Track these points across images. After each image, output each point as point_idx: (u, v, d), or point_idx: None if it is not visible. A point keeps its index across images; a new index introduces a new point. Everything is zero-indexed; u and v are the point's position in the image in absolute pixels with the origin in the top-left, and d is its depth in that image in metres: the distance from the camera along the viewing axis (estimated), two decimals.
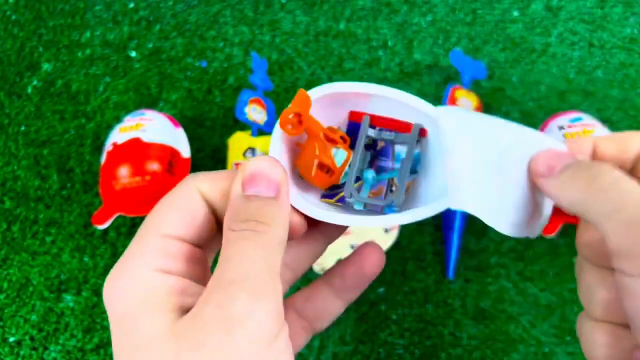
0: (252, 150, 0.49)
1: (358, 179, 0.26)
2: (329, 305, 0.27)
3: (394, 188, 0.26)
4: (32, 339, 0.47)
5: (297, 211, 0.24)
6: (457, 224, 0.46)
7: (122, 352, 0.20)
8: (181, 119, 0.55)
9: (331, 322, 0.27)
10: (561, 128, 0.46)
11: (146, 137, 0.47)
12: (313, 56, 0.57)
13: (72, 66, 0.58)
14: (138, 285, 0.21)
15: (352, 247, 0.44)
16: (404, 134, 0.26)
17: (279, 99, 0.55)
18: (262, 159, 0.23)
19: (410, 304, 0.47)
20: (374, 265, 0.26)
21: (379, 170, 0.27)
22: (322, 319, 0.27)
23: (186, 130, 0.51)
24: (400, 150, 0.27)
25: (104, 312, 0.47)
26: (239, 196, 0.22)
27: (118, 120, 0.55)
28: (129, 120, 0.49)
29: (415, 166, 0.26)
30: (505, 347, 0.43)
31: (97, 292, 0.48)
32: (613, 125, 0.51)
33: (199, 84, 0.57)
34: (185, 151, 0.49)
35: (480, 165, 0.25)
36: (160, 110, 0.55)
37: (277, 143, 0.26)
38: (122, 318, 0.20)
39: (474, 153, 0.25)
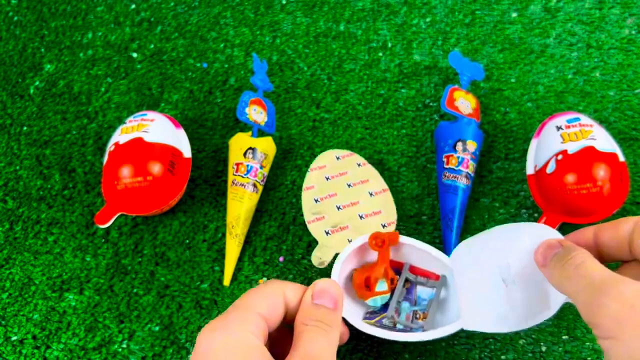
0: (253, 150, 0.49)
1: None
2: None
3: (417, 316, 0.41)
4: (34, 337, 0.47)
5: (344, 324, 0.37)
6: (455, 223, 0.47)
7: None
8: (182, 120, 0.55)
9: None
10: (559, 128, 0.47)
11: (148, 138, 0.48)
12: (313, 57, 0.58)
13: (74, 67, 0.59)
14: (240, 342, 0.29)
15: (349, 240, 0.44)
16: (432, 280, 0.42)
17: (279, 100, 0.56)
18: (327, 281, 0.35)
19: None
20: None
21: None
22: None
23: (187, 131, 0.52)
24: (420, 290, 0.43)
25: (106, 310, 0.47)
26: (309, 303, 0.34)
27: (120, 120, 0.55)
28: (131, 121, 0.50)
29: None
30: (502, 345, 0.44)
31: (99, 291, 0.48)
32: (610, 125, 0.52)
33: (200, 84, 0.57)
34: (186, 151, 0.50)
35: (485, 285, 0.36)
36: (162, 111, 0.56)
37: (338, 267, 0.40)
38: None
39: (478, 279, 0.36)
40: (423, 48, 0.58)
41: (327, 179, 0.49)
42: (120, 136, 0.49)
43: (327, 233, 0.45)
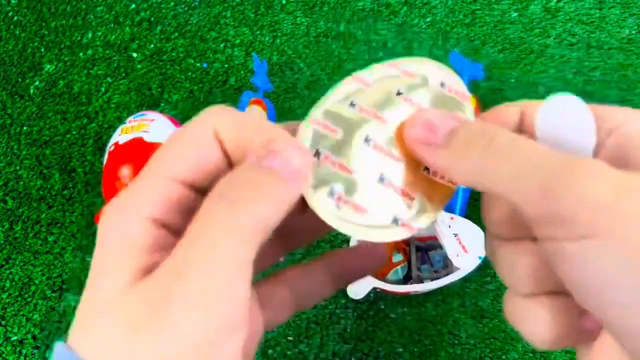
0: None
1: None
2: (320, 289, 0.26)
3: (439, 273, 0.48)
4: (34, 338, 0.47)
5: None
6: None
7: (84, 295, 0.18)
8: (182, 120, 0.55)
9: (316, 304, 0.27)
10: None
11: (148, 138, 0.48)
12: (313, 57, 0.58)
13: (74, 67, 0.59)
14: (123, 229, 0.18)
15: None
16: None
17: (279, 100, 0.56)
18: (289, 138, 0.19)
19: (409, 302, 0.47)
20: (376, 264, 0.26)
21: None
22: (311, 299, 0.26)
23: None
24: (432, 254, 0.49)
25: None
26: (251, 161, 0.19)
27: (120, 120, 0.55)
28: (131, 121, 0.50)
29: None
30: (503, 345, 0.44)
31: None
32: None
33: (200, 84, 0.57)
34: None
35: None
36: (162, 111, 0.55)
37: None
38: (97, 258, 0.18)
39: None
40: (423, 48, 0.57)
41: None
42: (120, 136, 0.49)
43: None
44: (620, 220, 0.16)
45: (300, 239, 0.26)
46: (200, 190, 0.19)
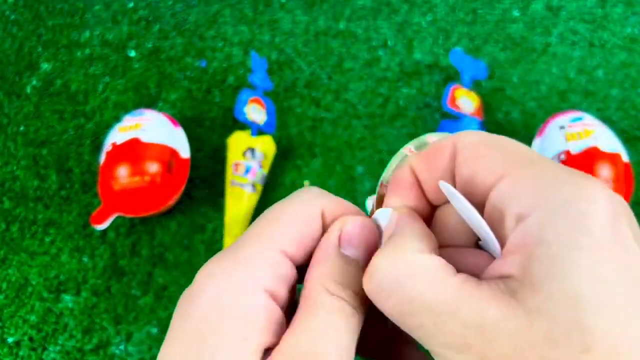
0: (252, 150, 0.48)
1: None
2: None
3: None
4: (31, 339, 0.46)
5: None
6: None
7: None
8: (180, 119, 0.54)
9: None
10: (562, 128, 0.46)
11: (145, 137, 0.47)
12: (313, 56, 0.57)
13: (71, 66, 0.58)
14: (240, 301, 0.17)
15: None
16: None
17: (278, 99, 0.55)
18: (363, 219, 0.20)
19: None
20: None
21: None
22: None
23: (185, 130, 0.51)
24: None
25: (103, 312, 0.47)
26: (334, 249, 0.19)
27: (117, 120, 0.55)
28: (128, 120, 0.49)
29: None
30: None
31: (96, 293, 0.48)
32: (613, 124, 0.51)
33: (198, 83, 0.57)
34: (184, 151, 0.49)
35: None
36: (160, 110, 0.55)
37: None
38: (199, 327, 0.17)
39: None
40: (424, 46, 0.57)
41: None
42: (117, 136, 0.48)
43: None
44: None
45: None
46: (297, 265, 0.19)
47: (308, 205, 0.20)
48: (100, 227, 0.47)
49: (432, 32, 0.58)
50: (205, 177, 0.52)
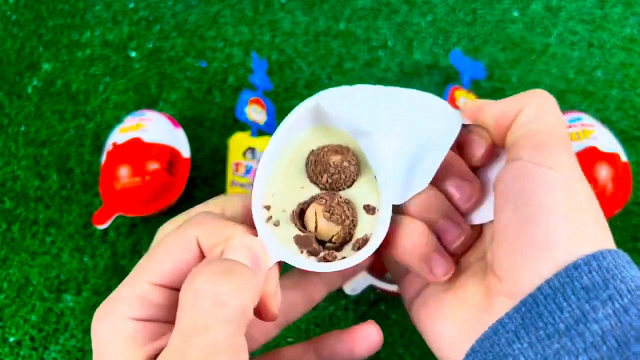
0: (252, 150, 0.49)
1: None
2: None
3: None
4: (32, 339, 0.46)
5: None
6: None
7: None
8: (181, 119, 0.54)
9: None
10: None
11: (146, 137, 0.47)
12: (313, 56, 0.57)
13: (72, 66, 0.58)
14: (115, 331, 0.22)
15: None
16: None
17: (278, 99, 0.55)
18: (249, 238, 0.23)
19: None
20: (365, 351, 0.27)
21: None
22: None
23: (186, 131, 0.51)
24: None
25: None
26: (214, 257, 0.23)
27: (118, 120, 0.55)
28: (129, 121, 0.49)
29: None
30: None
31: (97, 292, 0.48)
32: (613, 124, 0.51)
33: (198, 84, 0.57)
34: (185, 151, 0.49)
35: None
36: (160, 110, 0.55)
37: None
38: (97, 356, 0.22)
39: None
40: (424, 47, 0.57)
41: None
42: (118, 136, 0.48)
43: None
44: None
45: (290, 313, 0.27)
46: (179, 287, 0.22)
47: (181, 239, 0.23)
48: (102, 226, 0.47)
49: (432, 32, 0.58)
50: (205, 177, 0.52)
